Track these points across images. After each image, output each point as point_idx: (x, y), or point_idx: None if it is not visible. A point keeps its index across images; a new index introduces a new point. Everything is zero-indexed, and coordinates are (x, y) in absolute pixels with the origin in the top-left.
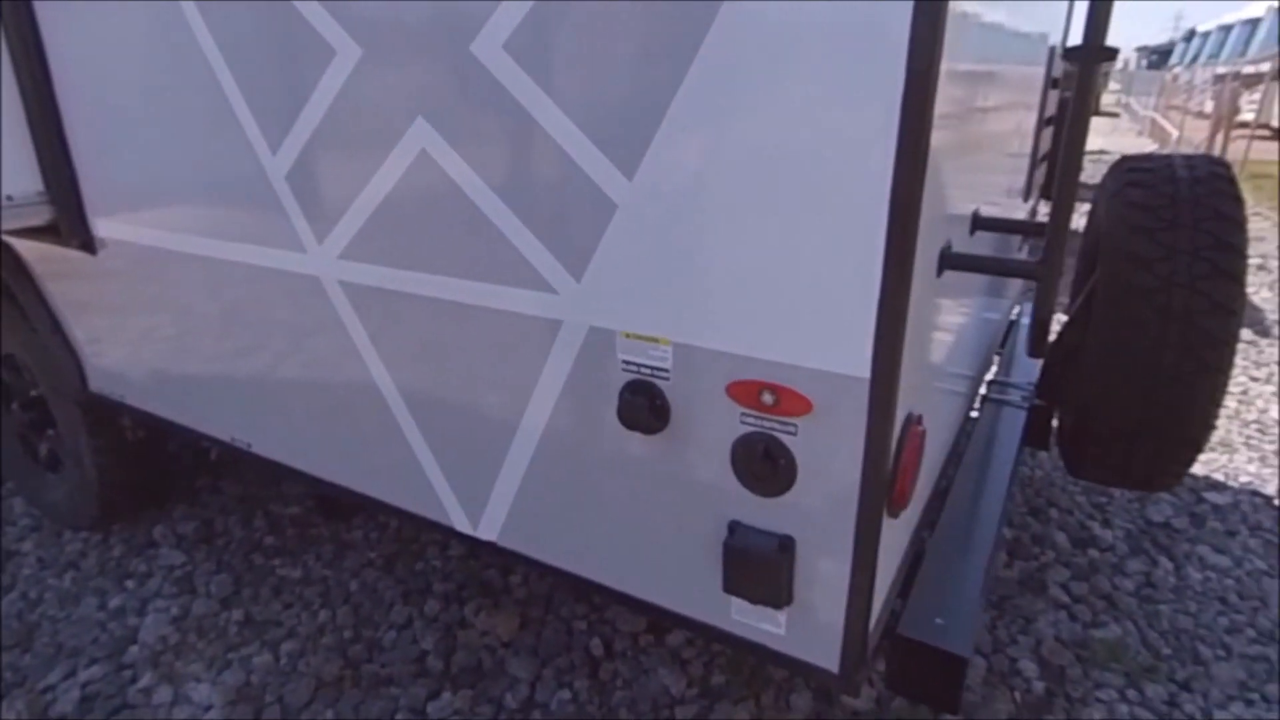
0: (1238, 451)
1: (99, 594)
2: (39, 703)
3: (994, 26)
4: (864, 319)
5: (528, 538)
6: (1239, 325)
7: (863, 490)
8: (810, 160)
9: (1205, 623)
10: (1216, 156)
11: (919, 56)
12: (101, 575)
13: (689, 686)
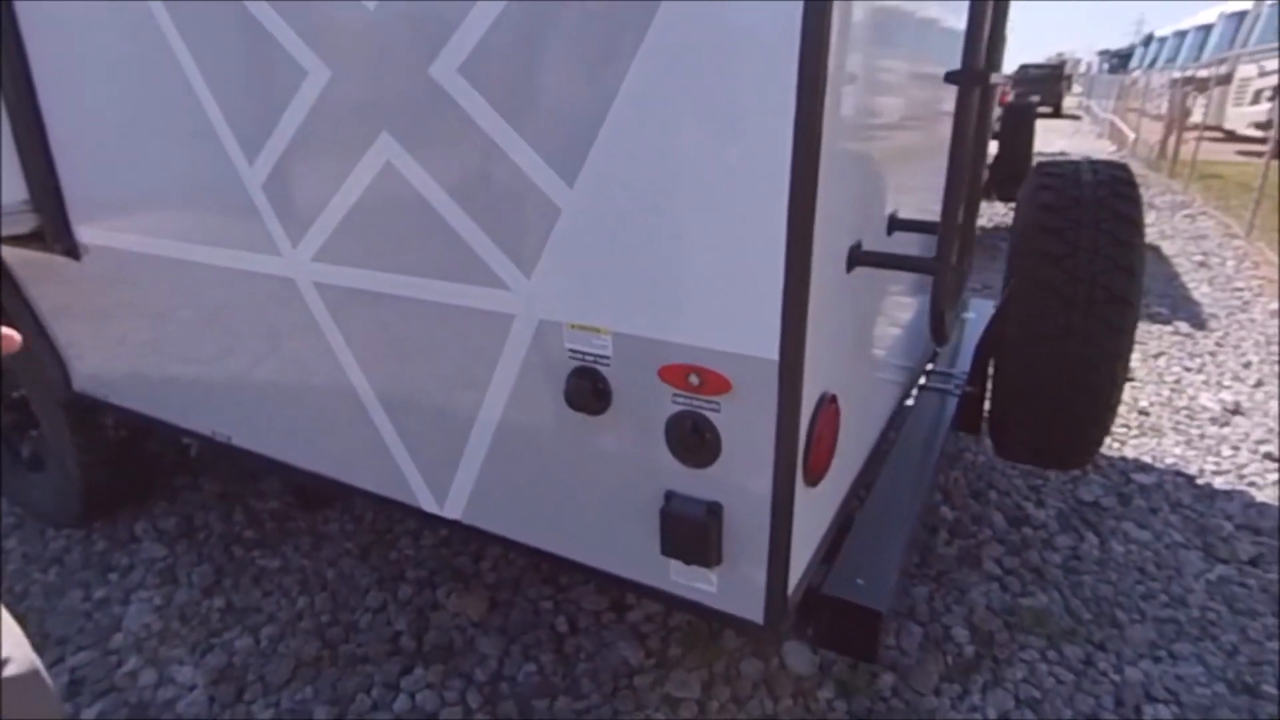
0: (1166, 436)
1: (83, 586)
2: None
3: (906, 44)
4: (771, 307)
5: (489, 515)
6: (1136, 315)
7: (777, 460)
8: (720, 167)
9: (1124, 590)
10: (1118, 162)
11: (808, 68)
12: (85, 569)
13: (647, 657)
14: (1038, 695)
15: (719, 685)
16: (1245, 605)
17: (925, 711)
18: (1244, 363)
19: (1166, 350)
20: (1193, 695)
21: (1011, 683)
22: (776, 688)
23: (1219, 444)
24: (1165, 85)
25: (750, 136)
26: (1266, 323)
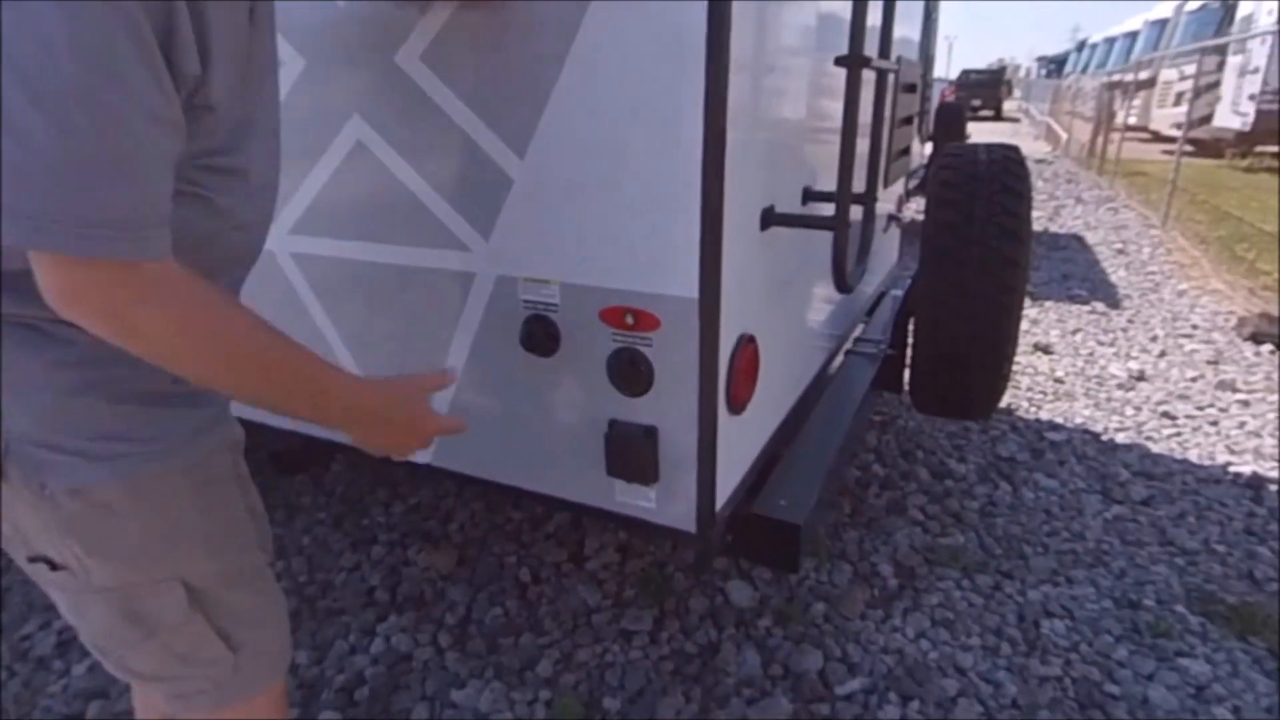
0: (1078, 400)
1: None
2: (19, 648)
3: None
4: (690, 254)
5: (456, 457)
6: (1025, 276)
7: (701, 387)
8: (646, 139)
9: (1031, 529)
10: (1010, 145)
11: (713, 59)
12: None
13: (604, 599)
14: (951, 617)
15: (669, 619)
16: (1135, 538)
17: (852, 634)
18: (1151, 336)
19: (1083, 327)
20: (1084, 611)
21: (928, 607)
22: (721, 619)
23: (1123, 405)
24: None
25: (668, 114)
26: (1174, 301)
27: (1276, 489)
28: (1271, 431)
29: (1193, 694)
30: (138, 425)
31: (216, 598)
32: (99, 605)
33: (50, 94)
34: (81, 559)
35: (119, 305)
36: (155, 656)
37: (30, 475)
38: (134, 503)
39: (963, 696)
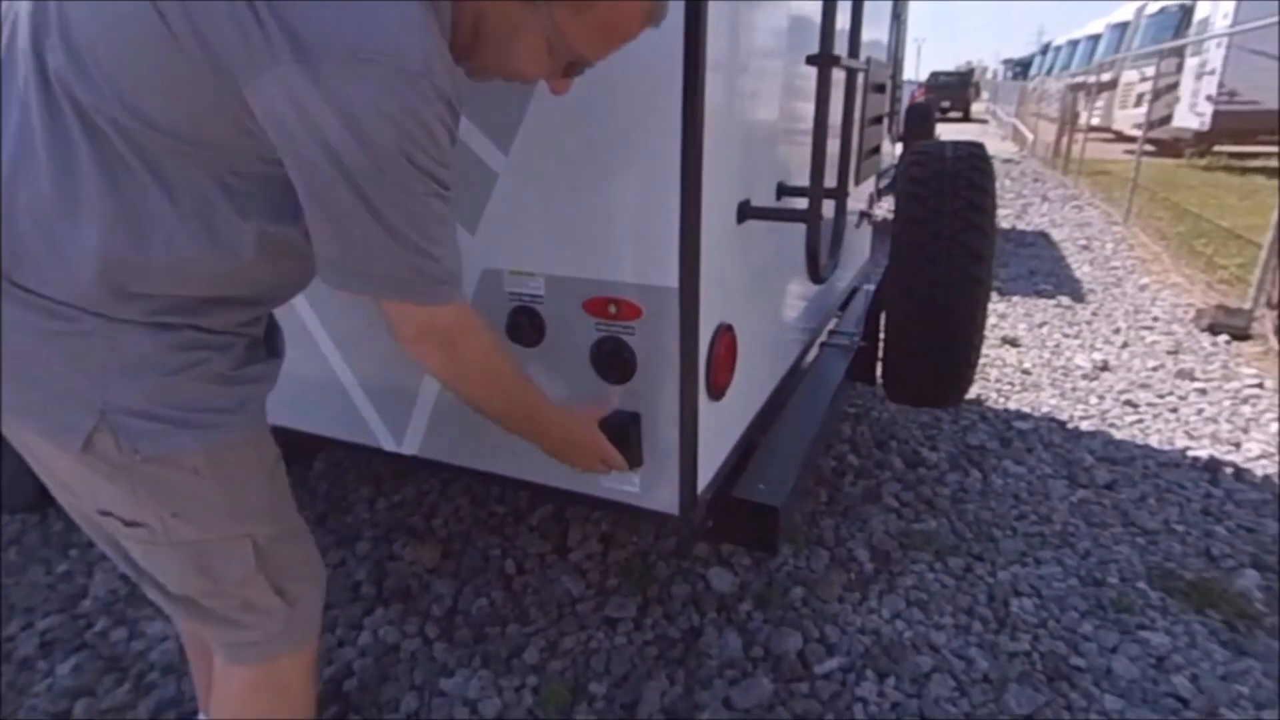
0: (1044, 390)
1: (44, 563)
2: (3, 649)
3: (786, 41)
4: (670, 245)
5: (443, 448)
6: (989, 268)
7: (682, 372)
8: (628, 136)
9: (1000, 514)
10: (976, 142)
11: (690, 64)
12: (45, 547)
13: (588, 588)
14: (925, 597)
15: (652, 606)
16: (1099, 519)
17: (829, 616)
18: (1114, 328)
19: (1049, 320)
20: (1051, 589)
21: (903, 589)
22: (703, 605)
23: (1088, 395)
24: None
25: (648, 111)
26: (1136, 295)
27: (1231, 471)
28: (1228, 417)
29: (1154, 664)
30: (219, 400)
31: (275, 554)
32: (174, 558)
33: (399, 197)
34: (165, 520)
35: (453, 335)
36: (225, 603)
37: (125, 443)
38: (214, 467)
39: (936, 672)
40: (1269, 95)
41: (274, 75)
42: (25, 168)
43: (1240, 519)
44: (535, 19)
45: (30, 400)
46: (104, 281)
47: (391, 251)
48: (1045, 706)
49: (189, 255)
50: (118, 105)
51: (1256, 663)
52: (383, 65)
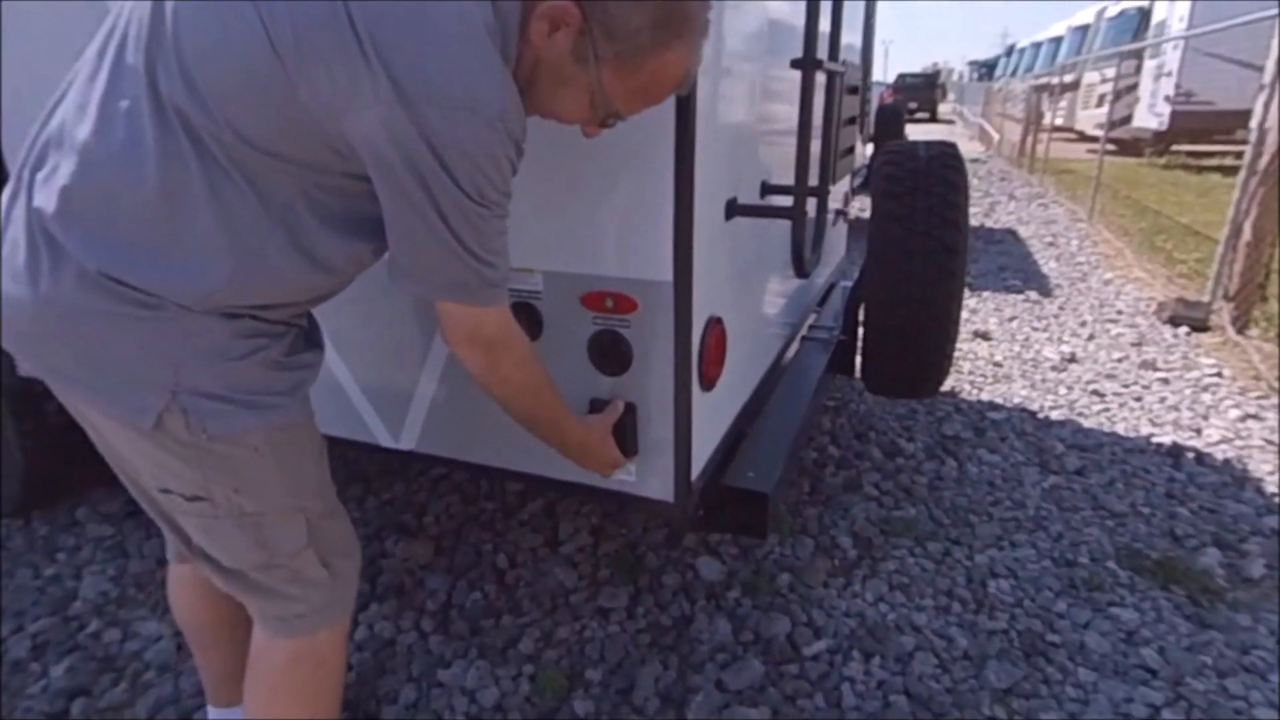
0: (1015, 381)
1: (31, 566)
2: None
3: (768, 54)
4: (665, 242)
5: (440, 442)
6: (963, 262)
7: (676, 363)
8: (625, 138)
9: (976, 500)
10: (948, 141)
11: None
12: (31, 551)
13: (580, 580)
14: (906, 581)
15: (643, 595)
16: (1070, 504)
17: (815, 600)
18: (1080, 322)
19: (1019, 315)
20: (1026, 571)
21: (885, 574)
22: (692, 593)
23: (1057, 385)
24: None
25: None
26: (1101, 289)
27: (1193, 456)
28: (1189, 405)
29: (1124, 639)
30: (276, 384)
31: (323, 529)
32: (235, 532)
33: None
34: (229, 495)
35: (495, 343)
36: (276, 576)
37: (194, 423)
38: (272, 445)
39: (919, 651)
40: (1224, 96)
41: (376, 113)
42: (130, 176)
43: (1202, 501)
44: (584, 76)
45: (106, 382)
46: (197, 282)
47: (460, 261)
48: (1023, 680)
49: (275, 263)
50: (222, 122)
51: (1219, 634)
52: (471, 113)
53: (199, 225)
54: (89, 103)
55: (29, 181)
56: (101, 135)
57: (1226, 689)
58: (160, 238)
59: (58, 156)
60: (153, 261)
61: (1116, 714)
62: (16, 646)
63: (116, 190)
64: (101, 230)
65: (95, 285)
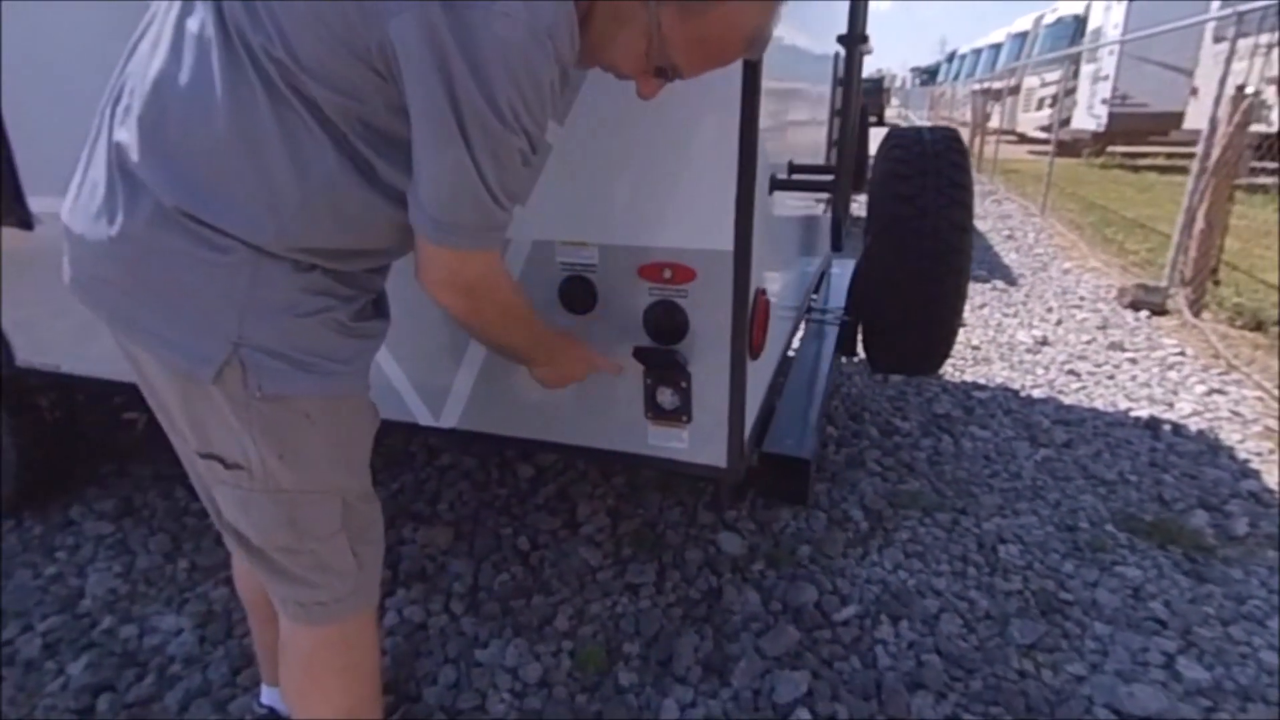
0: (994, 364)
1: (30, 566)
2: (2, 654)
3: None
4: (727, 213)
5: (484, 419)
6: (970, 240)
7: (734, 331)
8: (688, 110)
9: (974, 473)
10: (951, 128)
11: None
12: (27, 552)
13: (604, 558)
14: (920, 549)
15: (670, 571)
16: (1063, 474)
17: (837, 570)
18: (1047, 308)
19: (989, 302)
20: (1031, 536)
21: (900, 543)
22: (717, 567)
23: (1034, 366)
24: (967, 96)
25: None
26: (1061, 278)
27: (1169, 428)
28: (1159, 382)
29: (1131, 594)
30: (339, 349)
31: (357, 514)
32: (269, 507)
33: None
34: (269, 462)
35: (475, 287)
36: (302, 561)
37: (250, 379)
38: (325, 415)
39: (944, 613)
40: (1157, 98)
41: (417, 11)
42: (200, 106)
43: (1183, 468)
44: (643, 14)
45: (172, 328)
46: (271, 214)
47: (471, 193)
48: (1045, 636)
49: (341, 193)
50: (279, 45)
51: (1216, 587)
52: (515, 18)
53: (267, 155)
54: (162, 34)
55: (110, 119)
56: (172, 64)
57: (1231, 636)
58: (232, 170)
59: (134, 90)
60: (225, 196)
61: (1135, 663)
62: (27, 646)
63: (189, 118)
64: (177, 162)
65: (169, 222)
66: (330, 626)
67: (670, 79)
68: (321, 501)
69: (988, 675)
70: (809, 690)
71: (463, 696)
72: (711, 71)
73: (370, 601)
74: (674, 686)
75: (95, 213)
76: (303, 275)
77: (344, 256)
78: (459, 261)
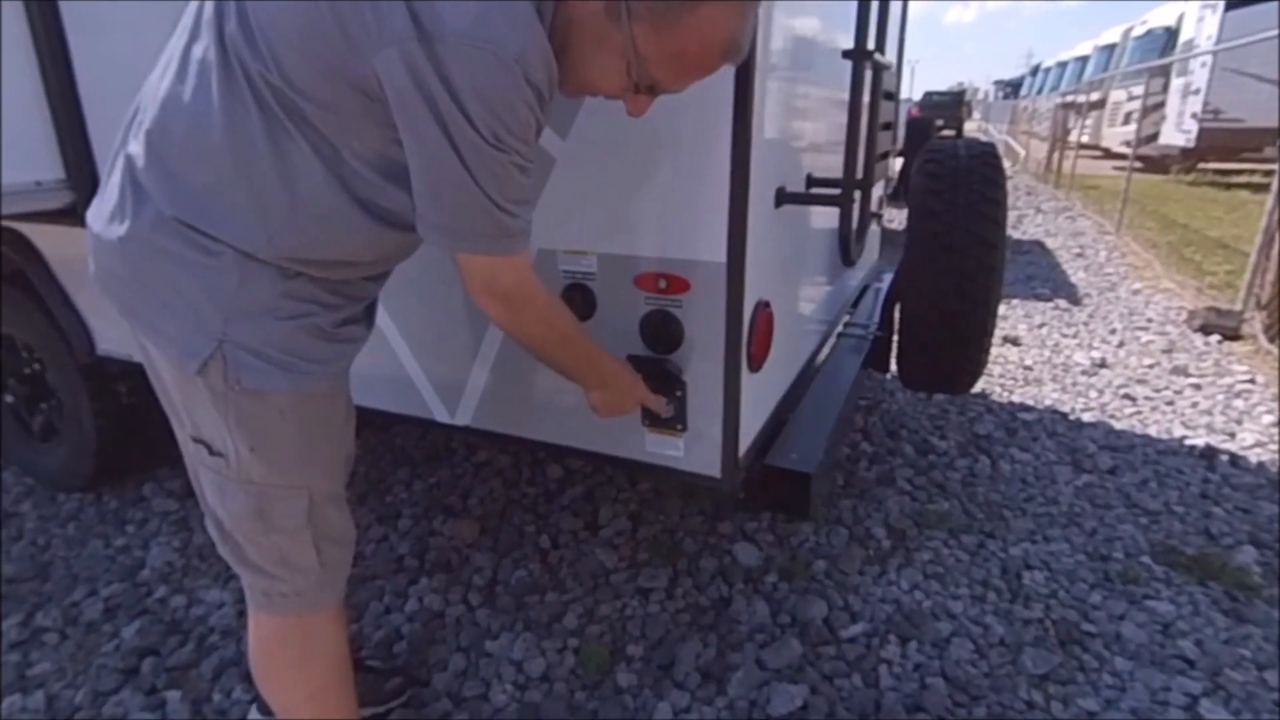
0: (1045, 385)
1: (103, 537)
2: (69, 614)
3: (817, 58)
4: (719, 224)
5: (495, 418)
6: (1002, 256)
7: (727, 342)
8: (682, 124)
9: (1009, 496)
10: (987, 142)
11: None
12: (102, 523)
13: (620, 561)
14: (941, 571)
15: (682, 578)
16: (1103, 502)
17: (851, 586)
18: (1110, 329)
19: (1048, 322)
20: (1060, 564)
21: (920, 563)
22: (730, 576)
23: (1087, 389)
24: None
25: (703, 99)
26: (1130, 299)
27: (1226, 458)
28: (1222, 410)
29: (1160, 630)
30: (315, 351)
31: (323, 514)
32: (240, 496)
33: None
34: (242, 453)
35: (512, 295)
36: (265, 553)
37: (231, 373)
38: (298, 411)
39: (956, 637)
40: (1253, 113)
41: (398, 50)
42: (200, 124)
43: (1237, 501)
44: (618, 35)
45: (167, 323)
46: (261, 224)
47: (479, 206)
48: (1060, 667)
49: (326, 205)
50: (275, 71)
51: (1256, 629)
52: (484, 51)
53: (258, 169)
54: (172, 60)
55: (126, 134)
56: (178, 85)
57: (1265, 681)
58: (226, 182)
59: (146, 109)
60: (220, 206)
61: (1154, 702)
62: (90, 609)
63: (189, 135)
64: (177, 174)
65: (167, 227)
66: (289, 617)
67: (656, 95)
68: (288, 496)
69: (993, 703)
70: (804, 704)
71: (468, 684)
72: (697, 82)
73: (334, 597)
74: (671, 691)
75: (109, 215)
76: (287, 282)
77: (330, 266)
78: (491, 268)
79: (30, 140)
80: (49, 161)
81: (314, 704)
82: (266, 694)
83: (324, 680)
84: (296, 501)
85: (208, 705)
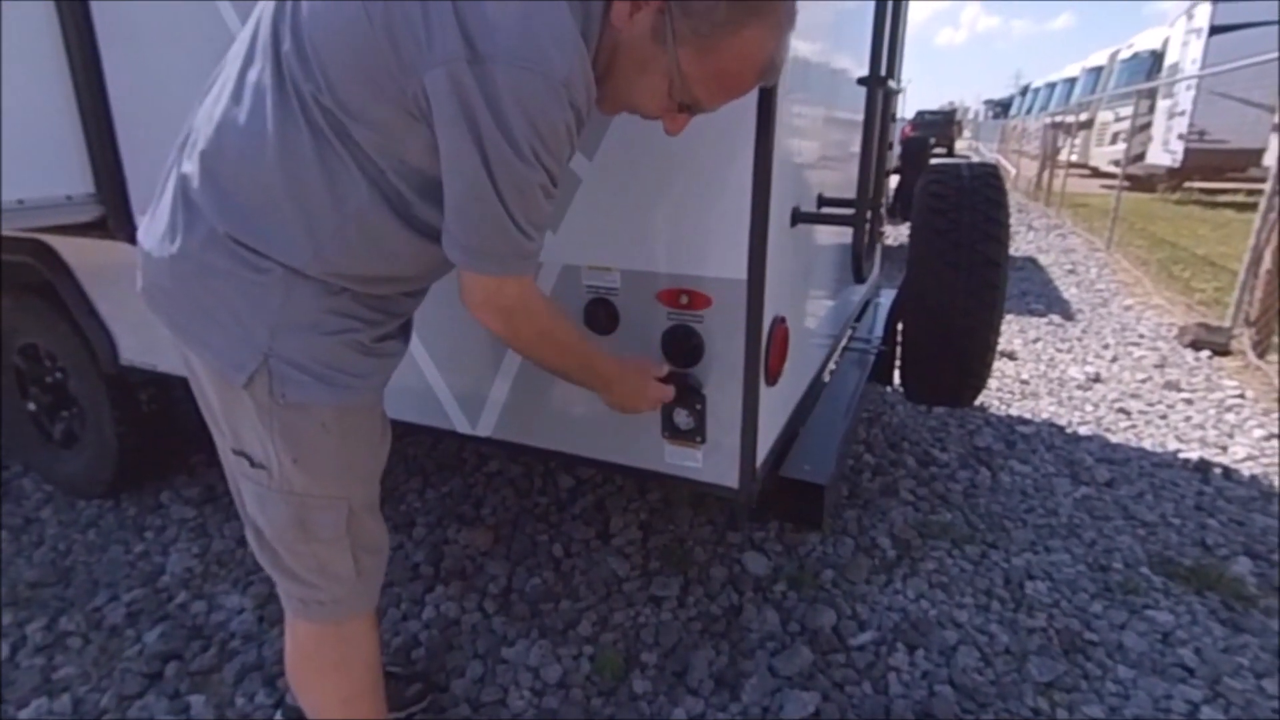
0: (1042, 399)
1: (123, 543)
2: (92, 618)
3: (827, 83)
4: (741, 243)
5: (516, 429)
6: (1005, 273)
7: (746, 356)
8: (706, 145)
9: (1010, 507)
10: (989, 163)
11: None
12: (121, 529)
13: (632, 570)
14: (945, 580)
15: (693, 586)
16: (1102, 513)
17: (859, 595)
18: (1104, 344)
19: (1043, 337)
20: (1061, 574)
21: (925, 573)
22: (740, 585)
23: (1083, 403)
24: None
25: (725, 125)
26: (1122, 314)
27: (1220, 471)
28: (1214, 424)
29: (1160, 639)
30: (356, 366)
31: (361, 523)
32: (282, 506)
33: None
34: (285, 464)
35: (512, 311)
36: (304, 561)
37: (276, 386)
38: (339, 424)
39: (962, 645)
40: (1237, 135)
41: (448, 68)
42: (253, 144)
43: (1231, 513)
44: (663, 57)
45: (215, 337)
46: (309, 240)
47: (500, 227)
48: (1064, 675)
49: (372, 219)
50: (327, 93)
51: (1254, 638)
52: (533, 72)
53: (307, 187)
54: (226, 84)
55: (179, 155)
56: (233, 108)
57: (1264, 689)
58: (276, 200)
59: (202, 128)
60: (269, 223)
61: (1156, 710)
62: (112, 614)
63: (244, 154)
64: (230, 192)
65: (219, 245)
66: (327, 624)
67: (694, 114)
68: (329, 506)
69: (1000, 710)
70: (817, 711)
71: (486, 690)
72: (731, 102)
73: (369, 605)
74: (685, 697)
75: (161, 234)
76: (332, 298)
77: (374, 282)
78: (495, 286)
79: (62, 155)
80: (80, 176)
81: (348, 708)
82: (302, 699)
83: (359, 685)
84: (337, 512)
85: (231, 709)
